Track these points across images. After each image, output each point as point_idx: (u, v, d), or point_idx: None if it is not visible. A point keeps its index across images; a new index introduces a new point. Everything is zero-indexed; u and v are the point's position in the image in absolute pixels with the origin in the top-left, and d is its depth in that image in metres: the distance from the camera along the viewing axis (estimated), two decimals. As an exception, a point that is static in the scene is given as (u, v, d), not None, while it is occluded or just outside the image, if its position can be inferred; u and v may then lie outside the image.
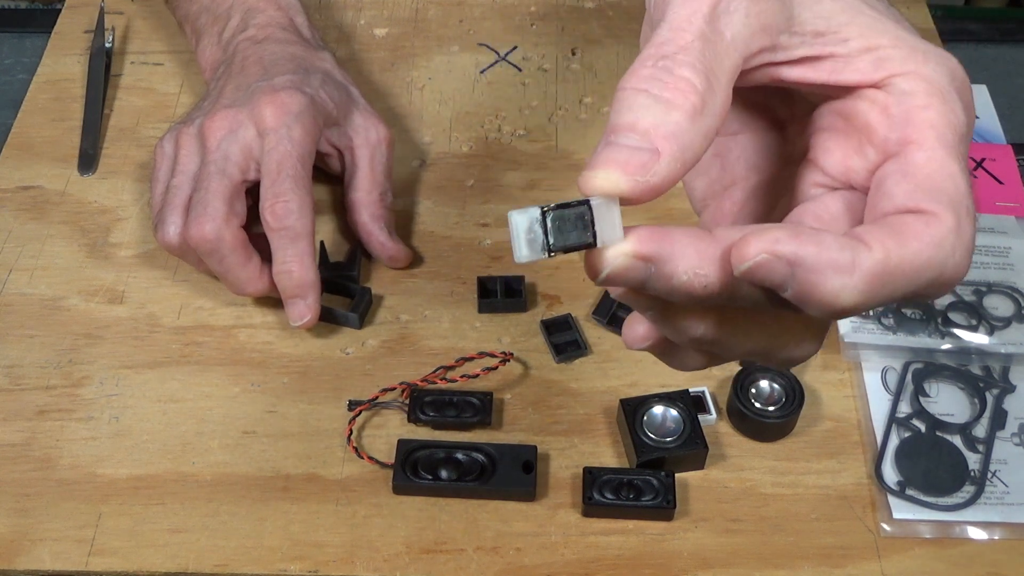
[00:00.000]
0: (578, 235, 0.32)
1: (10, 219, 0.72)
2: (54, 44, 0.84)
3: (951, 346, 0.64)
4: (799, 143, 0.39)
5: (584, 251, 0.32)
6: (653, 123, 0.32)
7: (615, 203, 0.32)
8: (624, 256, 0.32)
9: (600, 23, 0.86)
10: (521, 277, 0.67)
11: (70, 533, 0.57)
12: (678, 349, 0.38)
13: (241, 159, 0.63)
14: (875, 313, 0.65)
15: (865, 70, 0.35)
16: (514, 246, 0.32)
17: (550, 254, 0.32)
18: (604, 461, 0.60)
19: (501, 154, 0.76)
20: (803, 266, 0.30)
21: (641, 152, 0.32)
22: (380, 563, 0.56)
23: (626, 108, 0.33)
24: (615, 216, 0.32)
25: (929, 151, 0.33)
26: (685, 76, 0.32)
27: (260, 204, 0.62)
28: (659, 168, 0.32)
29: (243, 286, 0.63)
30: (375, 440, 0.61)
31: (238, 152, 0.63)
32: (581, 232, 0.32)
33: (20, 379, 0.64)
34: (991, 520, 0.57)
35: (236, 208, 0.63)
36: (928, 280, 0.32)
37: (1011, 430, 0.61)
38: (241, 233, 0.62)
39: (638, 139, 0.32)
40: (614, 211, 0.32)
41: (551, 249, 0.32)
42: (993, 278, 0.67)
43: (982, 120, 0.78)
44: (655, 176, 0.32)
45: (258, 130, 0.63)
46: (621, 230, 0.32)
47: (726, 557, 0.56)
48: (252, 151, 0.63)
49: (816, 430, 0.61)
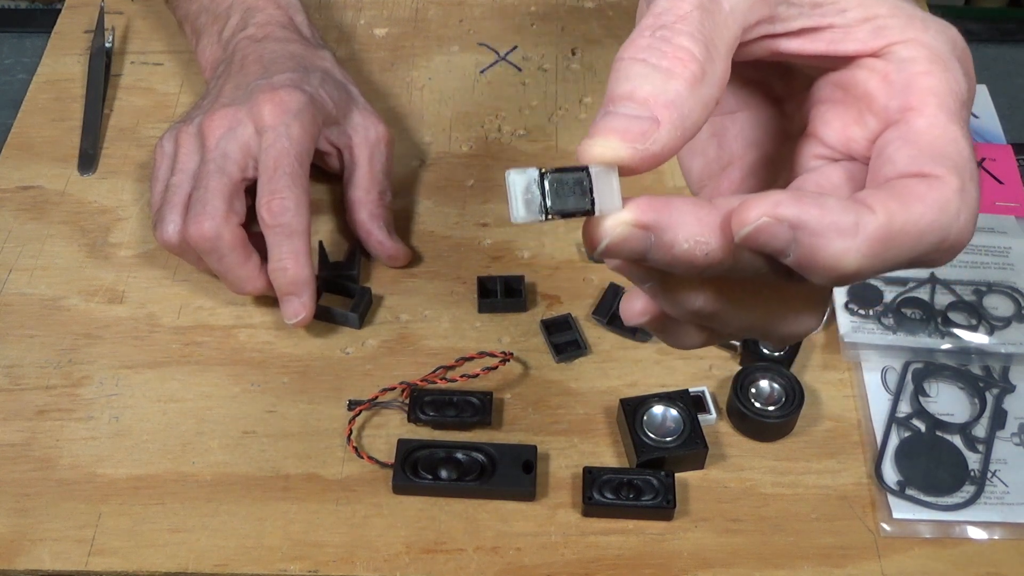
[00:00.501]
0: (576, 200, 0.31)
1: (10, 219, 0.72)
2: (54, 44, 0.84)
3: (951, 346, 0.64)
4: (797, 118, 0.38)
5: (583, 220, 0.32)
6: (652, 92, 0.32)
7: (614, 172, 0.32)
8: (624, 225, 0.31)
9: (600, 23, 0.86)
10: (521, 277, 0.67)
11: (70, 533, 0.57)
12: (676, 325, 0.38)
13: (240, 157, 0.63)
14: (875, 313, 0.65)
15: (864, 39, 0.34)
16: (511, 206, 0.31)
17: (547, 217, 0.31)
18: (604, 461, 0.60)
19: (501, 154, 0.76)
20: (805, 229, 0.30)
21: (640, 120, 0.31)
22: (380, 563, 0.56)
23: (623, 78, 0.32)
24: (614, 185, 0.32)
25: (931, 117, 0.33)
26: (684, 45, 0.32)
27: (257, 201, 0.62)
28: (659, 136, 0.31)
29: (242, 285, 0.63)
30: (375, 440, 0.61)
31: (237, 150, 0.63)
32: (579, 198, 0.31)
33: (20, 379, 0.64)
34: (991, 520, 0.57)
35: (235, 206, 0.63)
36: (932, 244, 0.31)
37: (1011, 430, 0.61)
38: (240, 231, 0.62)
39: (637, 108, 0.32)
40: (613, 180, 0.32)
41: (548, 212, 0.31)
42: (993, 278, 0.67)
43: (982, 120, 0.78)
44: (655, 144, 0.31)
45: (256, 128, 0.63)
46: (620, 199, 0.32)
47: (726, 557, 0.56)
48: (251, 149, 0.63)
49: (816, 430, 0.61)
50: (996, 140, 0.76)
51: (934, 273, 0.67)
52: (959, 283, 0.67)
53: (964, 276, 0.67)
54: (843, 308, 0.65)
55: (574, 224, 0.71)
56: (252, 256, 0.63)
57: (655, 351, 0.65)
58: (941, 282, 0.67)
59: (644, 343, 0.65)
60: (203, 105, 0.67)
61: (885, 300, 0.66)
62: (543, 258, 0.70)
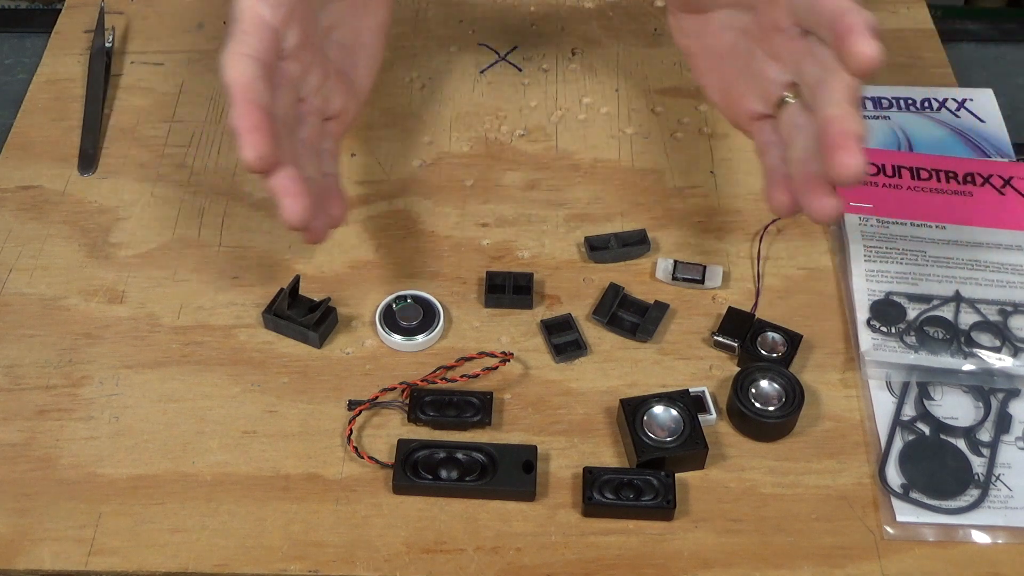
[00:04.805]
0: None
1: (10, 219, 0.72)
2: (54, 44, 0.84)
3: (974, 367, 0.63)
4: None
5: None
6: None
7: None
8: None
9: (600, 23, 0.86)
10: (531, 275, 0.67)
11: (70, 533, 0.57)
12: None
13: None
14: (897, 331, 0.64)
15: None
16: None
17: None
18: (604, 461, 0.60)
19: (501, 154, 0.76)
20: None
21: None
22: (380, 563, 0.56)
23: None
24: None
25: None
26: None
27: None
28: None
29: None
30: (375, 440, 0.61)
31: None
32: None
33: (20, 379, 0.64)
34: (995, 524, 0.57)
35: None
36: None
37: (1016, 434, 0.61)
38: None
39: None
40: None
41: None
42: (1019, 298, 0.66)
43: (989, 126, 0.77)
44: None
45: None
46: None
47: (726, 557, 0.56)
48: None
49: (816, 430, 0.61)
50: (1002, 146, 0.75)
51: (959, 291, 0.66)
52: (984, 302, 0.66)
53: (990, 295, 0.66)
54: (865, 325, 0.65)
55: (574, 224, 0.71)
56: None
57: (655, 351, 0.65)
58: (966, 301, 0.66)
59: (644, 343, 0.65)
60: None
61: (908, 318, 0.65)
62: (543, 258, 0.70)
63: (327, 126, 0.61)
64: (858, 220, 0.70)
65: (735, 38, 0.60)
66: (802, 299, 0.67)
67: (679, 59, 0.82)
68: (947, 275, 0.67)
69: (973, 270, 0.67)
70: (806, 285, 0.68)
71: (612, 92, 0.80)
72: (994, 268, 0.67)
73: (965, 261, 0.68)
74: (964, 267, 0.67)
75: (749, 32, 0.59)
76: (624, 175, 0.75)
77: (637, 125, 0.78)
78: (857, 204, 0.71)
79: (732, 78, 0.61)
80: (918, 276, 0.67)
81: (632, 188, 0.74)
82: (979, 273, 0.67)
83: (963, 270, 0.67)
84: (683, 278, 0.68)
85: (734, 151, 0.76)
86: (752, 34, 0.59)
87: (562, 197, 0.73)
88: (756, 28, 0.58)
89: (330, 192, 0.59)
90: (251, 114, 0.51)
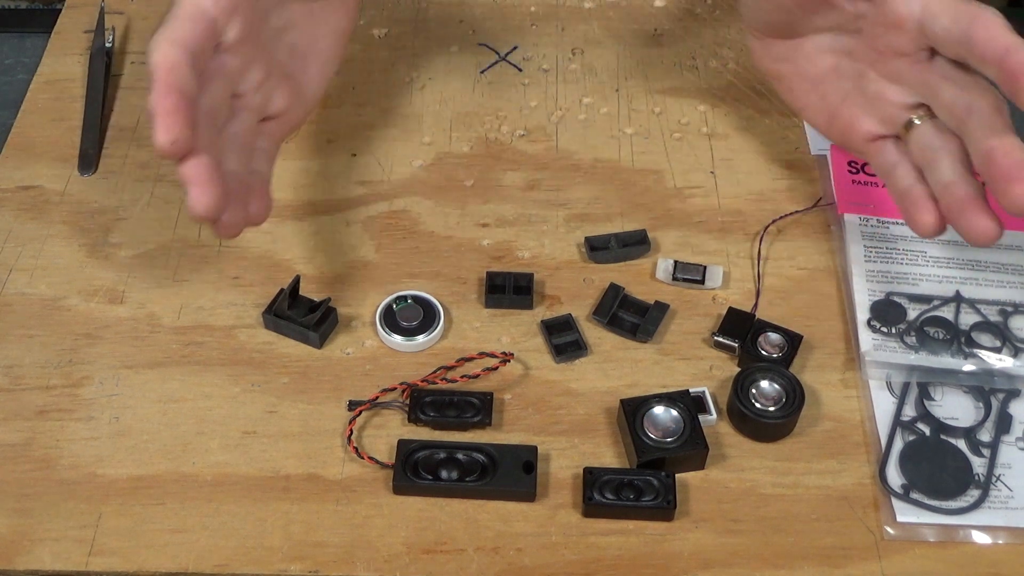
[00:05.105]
0: None
1: (10, 219, 0.72)
2: (54, 44, 0.84)
3: (974, 368, 0.62)
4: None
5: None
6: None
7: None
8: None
9: (600, 23, 0.86)
10: (531, 275, 0.67)
11: (70, 533, 0.57)
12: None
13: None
14: (897, 331, 0.64)
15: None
16: None
17: None
18: (604, 461, 0.60)
19: (501, 154, 0.76)
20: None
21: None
22: (380, 563, 0.56)
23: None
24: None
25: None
26: None
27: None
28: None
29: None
30: (375, 440, 0.61)
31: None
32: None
33: (20, 379, 0.64)
34: (995, 524, 0.57)
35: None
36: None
37: (1016, 434, 0.61)
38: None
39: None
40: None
41: None
42: (1019, 298, 0.66)
43: None
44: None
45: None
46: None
47: (726, 557, 0.56)
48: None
49: (816, 430, 0.61)
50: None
51: (959, 292, 0.66)
52: (984, 302, 0.66)
53: (990, 295, 0.66)
54: (865, 325, 0.65)
55: (574, 224, 0.71)
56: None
57: (655, 352, 0.65)
58: (967, 301, 0.66)
59: (644, 343, 0.65)
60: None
61: (908, 318, 0.65)
62: (543, 258, 0.70)
63: (266, 126, 0.60)
64: (858, 220, 0.70)
65: (837, 60, 0.60)
66: (802, 299, 0.67)
67: (679, 59, 0.82)
68: (947, 275, 0.67)
69: (973, 270, 0.67)
70: (806, 285, 0.68)
71: (612, 92, 0.80)
72: (994, 268, 0.67)
73: (965, 261, 0.68)
74: (964, 267, 0.67)
75: (856, 54, 0.59)
76: (624, 175, 0.75)
77: (637, 125, 0.78)
78: (857, 204, 0.71)
79: (838, 101, 0.61)
80: (918, 276, 0.67)
81: (632, 188, 0.74)
82: (979, 273, 0.67)
83: (963, 270, 0.67)
84: (683, 278, 0.68)
85: (734, 151, 0.76)
86: (861, 56, 0.58)
87: (562, 197, 0.73)
88: (866, 51, 0.58)
89: (253, 190, 0.57)
90: (169, 97, 0.49)
